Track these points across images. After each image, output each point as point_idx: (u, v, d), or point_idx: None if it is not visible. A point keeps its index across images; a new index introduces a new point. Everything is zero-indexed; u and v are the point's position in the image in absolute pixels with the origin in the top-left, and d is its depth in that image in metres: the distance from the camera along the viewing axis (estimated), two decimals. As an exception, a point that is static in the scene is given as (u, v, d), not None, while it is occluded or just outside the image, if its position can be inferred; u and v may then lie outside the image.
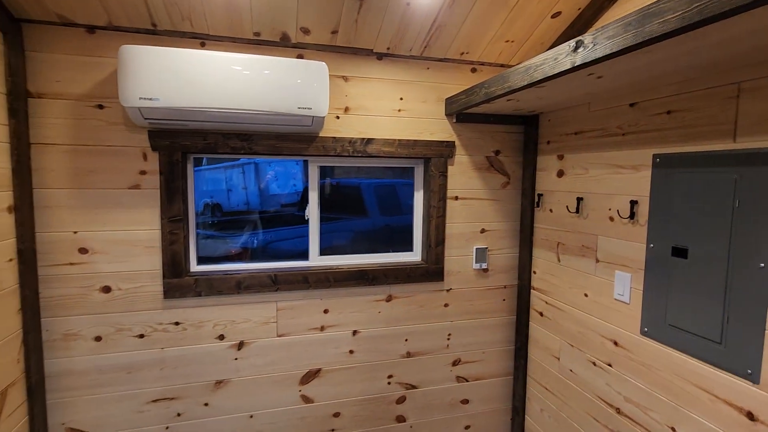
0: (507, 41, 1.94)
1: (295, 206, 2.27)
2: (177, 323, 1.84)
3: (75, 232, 1.70)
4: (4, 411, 1.49)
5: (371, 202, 2.45)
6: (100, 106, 1.68)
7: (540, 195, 2.13)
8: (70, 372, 1.74)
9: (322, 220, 2.11)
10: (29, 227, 1.61)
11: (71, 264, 1.70)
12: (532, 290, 2.21)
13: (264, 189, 2.30)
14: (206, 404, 1.91)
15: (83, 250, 1.71)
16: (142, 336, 1.80)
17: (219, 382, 1.91)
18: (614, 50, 1.08)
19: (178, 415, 1.88)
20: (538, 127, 2.13)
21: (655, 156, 1.48)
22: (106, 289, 1.75)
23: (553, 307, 2.04)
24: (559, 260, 2.00)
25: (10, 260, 1.54)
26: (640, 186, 1.54)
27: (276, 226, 2.35)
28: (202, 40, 1.76)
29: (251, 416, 1.97)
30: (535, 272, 2.19)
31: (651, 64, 1.21)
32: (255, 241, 2.32)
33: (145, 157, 1.75)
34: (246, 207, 2.26)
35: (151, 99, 1.53)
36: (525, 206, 2.20)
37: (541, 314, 2.14)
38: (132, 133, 1.73)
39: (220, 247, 2.11)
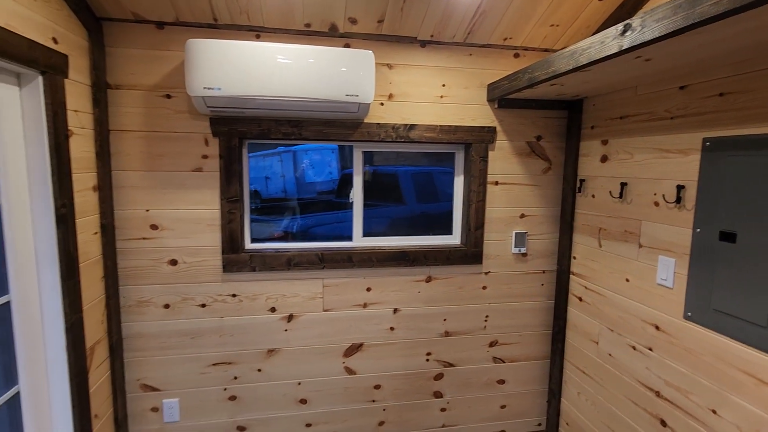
0: (552, 25, 1.93)
1: (331, 193, 2.37)
2: (234, 295, 2.01)
3: (147, 210, 1.89)
4: (93, 364, 1.71)
5: (408, 189, 2.52)
6: (168, 96, 1.85)
7: (582, 180, 2.12)
8: (143, 335, 1.95)
9: (366, 206, 2.21)
10: (109, 205, 1.82)
11: (144, 239, 1.90)
12: (571, 275, 2.23)
13: (300, 177, 2.43)
14: (259, 370, 2.08)
15: (154, 227, 1.91)
16: (203, 305, 1.99)
17: (271, 351, 2.08)
18: (663, 33, 1.09)
19: (235, 378, 2.06)
20: (582, 112, 2.12)
21: (705, 140, 1.46)
22: (173, 262, 1.94)
23: (593, 292, 2.05)
24: (600, 245, 2.00)
25: (95, 233, 1.75)
26: (687, 170, 1.53)
27: (313, 212, 2.47)
28: (257, 32, 1.88)
29: (299, 383, 2.13)
30: (575, 258, 2.20)
31: (702, 46, 1.20)
32: (295, 226, 2.46)
33: (206, 142, 1.90)
34: (283, 194, 2.39)
35: (213, 88, 1.67)
36: (566, 192, 2.20)
37: (580, 299, 2.15)
38: (195, 120, 1.89)
39: (264, 231, 2.26)
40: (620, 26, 1.21)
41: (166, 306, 1.96)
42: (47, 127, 1.40)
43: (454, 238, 2.28)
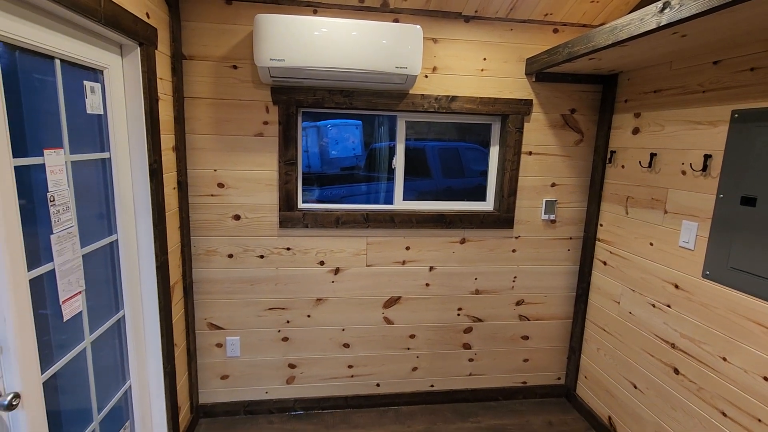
0: (592, 1, 2.02)
1: (354, 169, 2.50)
2: (288, 249, 2.25)
3: (215, 170, 2.13)
4: (173, 301, 1.99)
5: (435, 164, 2.67)
6: (235, 67, 2.05)
7: (613, 152, 2.25)
8: (210, 280, 2.23)
9: (387, 179, 2.39)
10: (184, 164, 2.05)
11: (212, 195, 2.15)
12: (597, 241, 2.38)
13: (324, 151, 2.56)
14: (308, 316, 2.34)
15: (220, 185, 2.14)
16: (262, 257, 2.24)
17: (319, 299, 2.33)
18: (700, 11, 1.21)
19: (288, 322, 2.33)
20: (617, 86, 2.22)
21: (734, 111, 1.57)
22: (237, 217, 2.18)
23: (617, 257, 2.21)
24: (627, 213, 2.14)
25: (174, 188, 1.99)
26: (715, 140, 1.65)
27: (341, 184, 2.61)
28: (314, 7, 2.04)
29: (343, 329, 2.38)
30: (601, 225, 2.34)
31: (736, 23, 1.31)
32: (330, 195, 2.65)
33: (267, 109, 2.11)
34: (307, 169, 2.52)
35: (278, 60, 1.86)
36: (597, 162, 2.33)
37: (605, 263, 2.31)
38: (258, 89, 2.08)
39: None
40: (660, 4, 1.33)
41: (230, 256, 2.22)
42: (143, 92, 1.62)
43: (488, 204, 2.45)
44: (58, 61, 1.25)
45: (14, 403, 0.99)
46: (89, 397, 1.45)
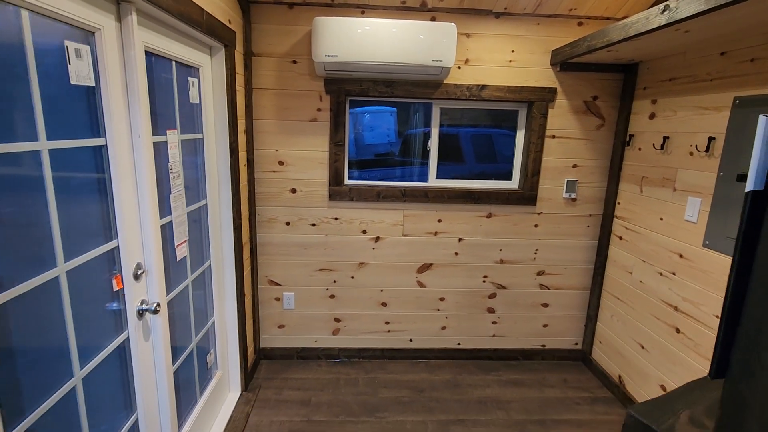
0: (614, -3, 2.22)
1: (389, 155, 2.77)
2: (336, 218, 2.62)
3: (276, 150, 2.51)
4: (244, 258, 2.41)
5: (468, 150, 2.92)
6: (294, 62, 2.40)
7: (631, 136, 2.44)
8: (271, 243, 2.64)
9: (422, 164, 2.69)
10: (252, 145, 2.45)
11: (273, 172, 2.54)
12: (615, 218, 2.59)
13: (359, 137, 2.85)
14: (352, 277, 2.71)
15: (281, 163, 2.53)
16: (314, 225, 2.62)
17: (361, 263, 2.69)
18: (693, 13, 1.43)
19: (334, 281, 2.71)
20: (637, 75, 2.40)
21: (735, 98, 1.76)
22: (293, 191, 2.57)
23: (632, 231, 2.42)
24: (641, 191, 2.35)
25: (245, 165, 2.39)
26: (718, 124, 1.84)
27: (376, 167, 2.90)
28: (362, 8, 2.35)
29: (381, 290, 2.74)
30: (619, 203, 2.56)
31: (730, 21, 1.51)
32: (369, 176, 2.96)
33: (320, 98, 2.46)
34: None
35: (332, 55, 2.19)
36: (616, 146, 2.53)
37: (621, 238, 2.53)
38: (312, 81, 2.43)
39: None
40: (661, 6, 1.55)
41: (287, 223, 2.61)
42: (226, 85, 2.01)
43: (513, 183, 2.71)
44: (174, 63, 1.64)
45: (157, 310, 1.41)
46: (189, 323, 1.88)
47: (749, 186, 0.78)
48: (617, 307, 2.55)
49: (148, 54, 1.43)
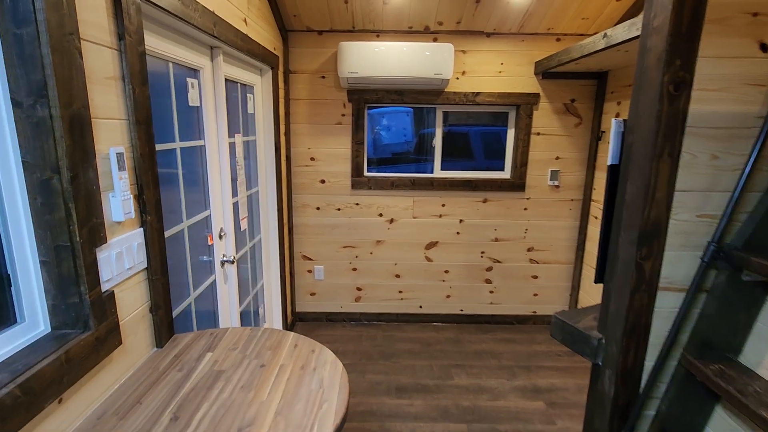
0: (583, 18, 2.70)
1: (406, 154, 3.29)
2: (357, 204, 3.18)
3: (309, 148, 3.09)
4: (285, 235, 3.00)
5: (477, 147, 3.41)
6: (323, 77, 2.98)
7: (602, 132, 2.92)
8: (304, 225, 3.22)
9: (427, 160, 3.20)
10: (289, 144, 3.04)
11: (306, 166, 3.12)
12: (592, 202, 3.07)
13: (377, 138, 3.36)
14: (371, 253, 3.27)
15: (312, 159, 3.11)
16: (339, 209, 3.19)
17: (378, 241, 3.25)
18: (622, 39, 1.92)
19: (356, 257, 3.28)
20: (607, 81, 2.88)
21: (671, 101, 2.24)
22: (323, 181, 3.14)
23: (604, 212, 2.90)
24: (610, 178, 2.82)
25: (285, 160, 2.98)
26: (660, 121, 2.31)
27: (395, 164, 3.42)
28: (377, 33, 2.91)
29: (395, 264, 3.29)
30: (595, 188, 3.03)
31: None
32: (385, 169, 3.50)
33: (344, 105, 3.02)
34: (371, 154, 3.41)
35: (353, 72, 2.76)
36: (591, 140, 3.01)
37: (596, 218, 3.00)
38: (338, 92, 3.00)
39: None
40: (602, 33, 2.05)
41: (317, 208, 3.19)
42: (272, 98, 2.60)
43: (505, 173, 3.22)
44: (239, 84, 2.23)
45: (233, 261, 1.99)
46: (248, 280, 2.47)
47: (609, 162, 1.30)
48: (593, 276, 3.02)
49: (226, 80, 2.02)
